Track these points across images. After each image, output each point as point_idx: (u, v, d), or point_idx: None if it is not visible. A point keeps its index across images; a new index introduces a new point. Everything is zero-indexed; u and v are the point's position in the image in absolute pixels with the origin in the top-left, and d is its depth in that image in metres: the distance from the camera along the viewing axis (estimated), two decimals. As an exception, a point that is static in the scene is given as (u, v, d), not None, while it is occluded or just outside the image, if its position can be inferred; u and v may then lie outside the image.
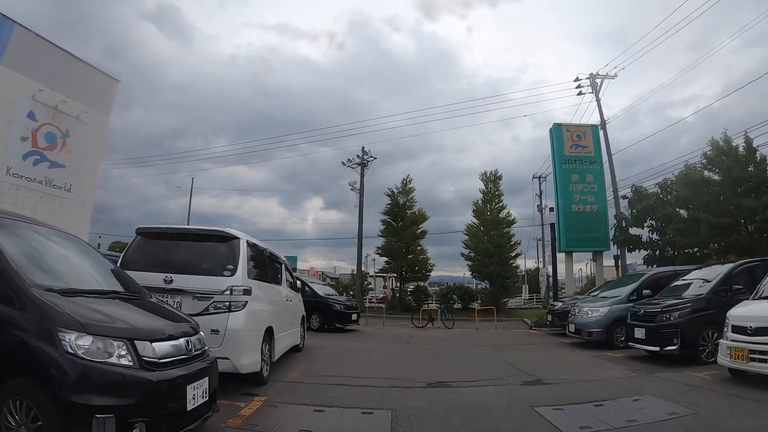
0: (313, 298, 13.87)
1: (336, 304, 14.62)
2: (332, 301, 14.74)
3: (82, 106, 20.74)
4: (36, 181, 18.96)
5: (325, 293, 15.23)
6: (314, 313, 13.71)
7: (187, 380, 3.48)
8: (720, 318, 7.89)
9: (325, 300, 14.54)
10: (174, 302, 5.51)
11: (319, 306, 14.15)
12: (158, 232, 6.19)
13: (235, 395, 5.42)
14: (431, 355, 9.04)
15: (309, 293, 13.62)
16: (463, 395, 5.73)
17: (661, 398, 5.63)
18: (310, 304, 12.92)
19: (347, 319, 14.66)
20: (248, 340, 5.58)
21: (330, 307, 14.33)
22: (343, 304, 14.96)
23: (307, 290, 13.65)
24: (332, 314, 14.27)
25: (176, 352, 3.54)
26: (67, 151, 20.27)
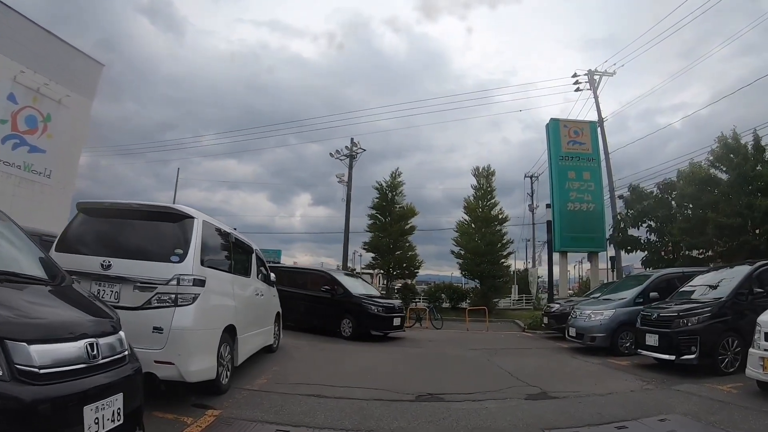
0: (344, 298, 11.83)
1: (372, 306, 11.66)
2: (367, 302, 11.75)
3: (65, 89, 19.71)
4: (15, 166, 17.88)
5: (361, 292, 12.41)
6: (346, 317, 11.59)
7: (84, 398, 2.50)
8: (740, 324, 7.18)
9: (358, 300, 11.73)
10: (112, 292, 4.54)
11: (351, 308, 11.68)
12: (101, 209, 5.16)
13: (184, 407, 4.49)
14: (420, 360, 8.11)
15: (340, 293, 11.87)
16: (459, 413, 4.78)
17: (691, 418, 4.84)
18: (339, 305, 11.72)
19: (388, 325, 11.70)
20: (199, 340, 4.57)
21: (364, 310, 11.51)
22: (381, 306, 11.86)
23: (338, 290, 11.95)
24: (367, 318, 11.40)
25: (75, 359, 2.55)
26: (48, 136, 19.22)
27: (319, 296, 12.06)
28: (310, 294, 12.29)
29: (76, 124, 20.82)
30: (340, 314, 11.60)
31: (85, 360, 2.64)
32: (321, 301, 11.98)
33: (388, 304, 12.27)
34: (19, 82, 17.85)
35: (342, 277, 12.90)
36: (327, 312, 11.84)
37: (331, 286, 12.07)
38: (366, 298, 11.89)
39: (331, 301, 11.86)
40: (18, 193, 17.89)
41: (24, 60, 17.79)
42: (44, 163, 19.10)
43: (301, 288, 12.57)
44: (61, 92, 19.61)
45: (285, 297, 12.01)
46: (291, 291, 11.98)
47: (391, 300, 13.70)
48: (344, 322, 11.47)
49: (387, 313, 11.71)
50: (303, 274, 13.96)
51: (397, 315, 12.12)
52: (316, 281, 12.70)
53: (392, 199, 26.97)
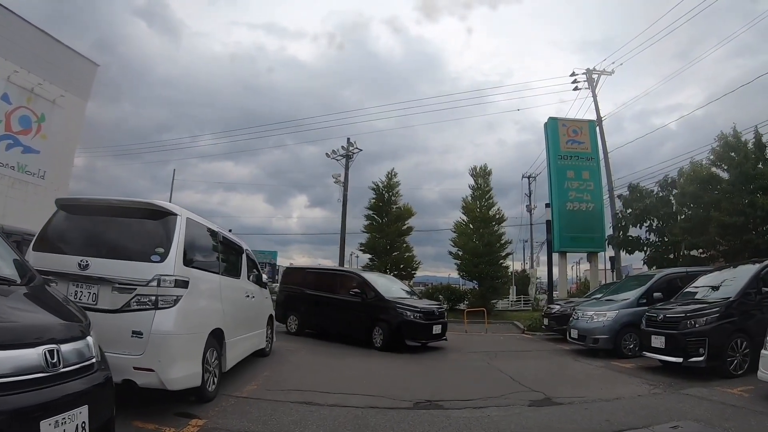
0: (376, 302, 10.24)
1: (408, 311, 9.87)
2: (402, 307, 9.97)
3: (59, 89, 19.50)
4: (8, 167, 17.66)
5: (395, 294, 10.77)
6: (377, 325, 9.95)
7: (41, 412, 2.24)
8: (749, 324, 6.96)
9: (392, 305, 10.01)
10: (89, 293, 4.26)
11: (384, 314, 9.97)
12: (80, 205, 4.88)
13: (166, 416, 4.21)
14: (417, 364, 7.82)
15: (371, 297, 10.33)
16: (459, 421, 4.50)
17: (704, 424, 4.59)
18: (370, 311, 10.23)
19: (426, 333, 10.02)
20: (182, 345, 4.27)
21: (399, 316, 9.78)
22: (419, 311, 10.01)
23: (369, 293, 10.44)
24: (402, 326, 9.71)
25: (31, 367, 2.29)
26: (42, 136, 18.99)
27: (347, 300, 10.69)
28: (337, 298, 11.05)
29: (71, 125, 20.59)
30: (370, 321, 10.09)
31: (43, 368, 2.36)
32: (349, 307, 10.62)
33: (426, 308, 10.37)
34: (13, 82, 17.64)
35: (373, 278, 11.26)
36: (356, 319, 10.43)
37: (361, 289, 10.60)
38: (401, 302, 10.20)
39: (360, 306, 10.42)
40: (12, 195, 17.65)
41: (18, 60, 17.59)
42: (38, 163, 18.87)
43: (327, 291, 11.41)
44: (56, 92, 19.41)
45: (308, 301, 11.49)
46: (315, 294, 11.41)
47: (431, 303, 11.51)
48: (376, 330, 9.94)
49: (425, 320, 10.01)
50: (329, 275, 12.52)
51: (438, 321, 10.35)
52: (343, 283, 11.29)
53: (389, 200, 26.68)
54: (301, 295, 11.76)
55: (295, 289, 12.07)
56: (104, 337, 3.57)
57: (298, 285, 12.15)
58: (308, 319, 11.55)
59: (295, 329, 11.56)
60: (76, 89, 20.62)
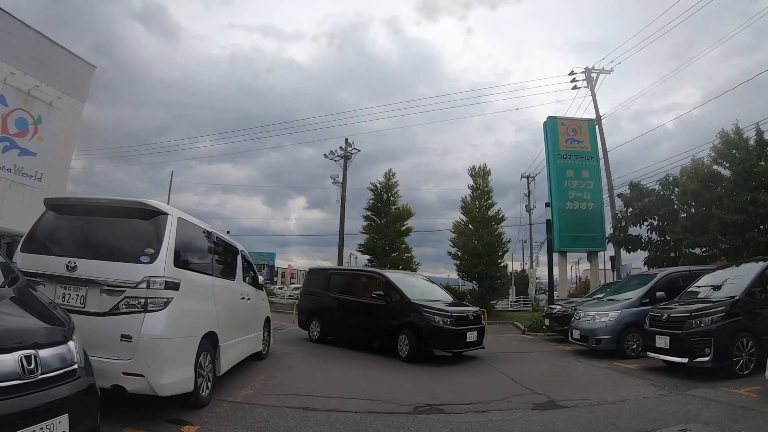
0: (401, 305, 8.99)
1: (436, 315, 8.49)
2: (429, 311, 8.59)
3: (56, 91, 19.42)
4: (5, 169, 17.59)
5: (422, 297, 9.31)
6: (402, 331, 8.69)
7: (16, 422, 2.12)
8: (754, 324, 6.86)
9: (417, 308, 8.67)
10: (77, 296, 4.13)
11: (409, 319, 8.70)
12: (69, 205, 4.73)
13: (158, 423, 4.08)
14: (417, 367, 7.64)
15: (396, 300, 9.10)
16: (461, 426, 4.37)
17: (714, 427, 4.47)
18: (395, 316, 8.95)
19: (458, 342, 8.58)
20: (173, 350, 4.11)
21: (426, 321, 8.43)
22: (449, 315, 8.58)
23: (394, 295, 9.19)
24: (430, 333, 8.37)
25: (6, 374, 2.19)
26: (38, 138, 18.92)
27: (370, 304, 9.54)
28: (360, 301, 9.94)
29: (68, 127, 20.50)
30: (395, 327, 8.83)
31: (19, 376, 2.21)
32: (373, 311, 9.45)
33: (458, 312, 8.97)
34: (10, 84, 17.55)
35: (398, 278, 9.90)
36: (380, 325, 9.22)
37: (385, 291, 9.35)
38: (428, 305, 8.80)
39: (384, 310, 9.18)
40: (8, 197, 17.55)
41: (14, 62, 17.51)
42: (35, 166, 18.79)
43: (350, 294, 10.45)
44: (53, 94, 19.33)
45: (330, 306, 10.65)
46: (338, 298, 10.56)
47: (464, 307, 10.13)
48: (401, 338, 8.68)
49: (457, 325, 8.57)
50: (351, 276, 11.57)
51: (473, 327, 8.93)
52: (367, 285, 10.15)
53: (387, 200, 26.54)
54: (323, 298, 10.93)
55: (318, 293, 11.19)
56: (93, 341, 3.44)
57: (321, 288, 11.20)
58: (330, 326, 10.65)
59: (317, 336, 10.69)
60: (73, 91, 20.55)
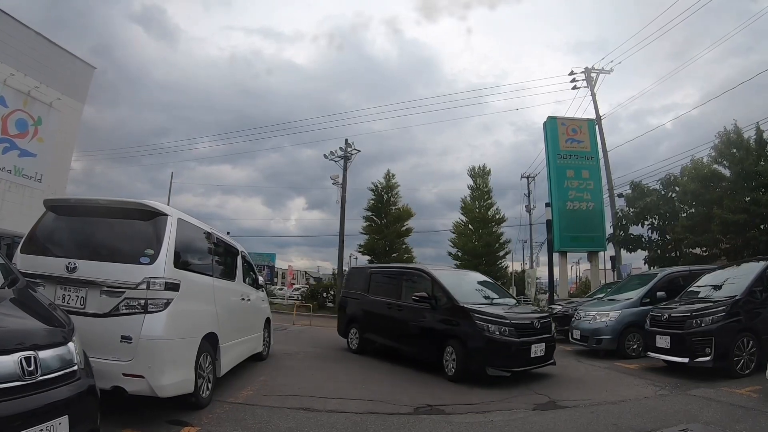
0: (447, 309, 7.18)
1: (491, 323, 6.61)
2: (482, 317, 6.70)
3: (56, 92, 19.45)
4: (5, 170, 17.62)
5: (474, 299, 7.51)
6: (449, 343, 6.90)
7: (17, 423, 2.12)
8: (755, 323, 6.86)
9: (467, 314, 6.82)
10: (77, 297, 4.12)
11: (457, 327, 6.88)
12: (69, 206, 4.73)
13: (157, 424, 4.08)
14: (417, 366, 7.63)
15: (443, 303, 7.28)
16: (462, 427, 4.37)
17: (715, 427, 4.46)
18: (441, 323, 7.19)
19: (519, 358, 6.62)
20: (173, 351, 4.11)
21: (477, 331, 6.56)
22: (506, 323, 6.68)
23: (440, 297, 7.38)
24: (482, 346, 6.51)
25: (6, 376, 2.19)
26: (38, 140, 18.95)
27: (412, 309, 7.82)
28: (402, 305, 8.25)
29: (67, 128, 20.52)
30: (441, 338, 7.09)
31: (18, 377, 2.21)
32: (416, 317, 7.74)
33: (520, 319, 7.00)
34: (9, 85, 17.57)
35: (445, 276, 7.95)
36: (423, 333, 7.56)
37: (429, 291, 7.60)
38: (480, 310, 6.90)
39: (429, 315, 7.47)
40: (8, 198, 17.56)
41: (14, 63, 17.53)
42: (35, 167, 18.81)
43: (391, 296, 8.70)
44: (52, 95, 19.35)
45: (370, 310, 9.19)
46: (377, 301, 9.00)
47: (529, 311, 8.35)
48: (447, 351, 6.90)
49: (518, 336, 6.61)
50: (392, 274, 9.47)
51: (539, 338, 6.93)
52: (409, 285, 8.42)
53: (388, 201, 26.59)
54: (362, 302, 9.55)
55: (357, 295, 9.83)
56: (93, 343, 3.44)
57: (360, 289, 9.78)
58: (370, 334, 9.14)
59: (356, 347, 9.40)
60: (72, 92, 20.57)
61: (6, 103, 17.74)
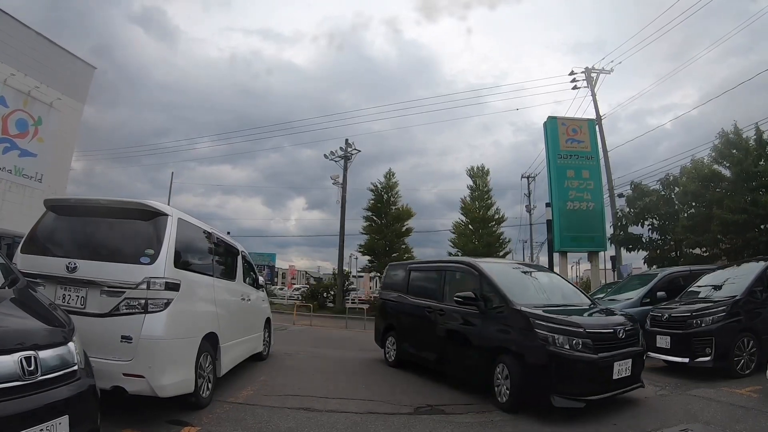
0: (500, 313, 5.52)
1: (557, 333, 4.86)
2: (545, 324, 4.98)
3: (56, 92, 19.46)
4: (5, 170, 17.63)
5: (536, 300, 5.73)
6: (501, 359, 5.26)
7: (17, 423, 2.12)
8: (755, 323, 6.87)
9: (526, 321, 5.11)
10: (78, 297, 4.12)
11: (510, 338, 5.31)
12: (69, 206, 4.72)
13: (158, 424, 4.09)
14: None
15: (493, 306, 5.62)
16: (462, 427, 4.37)
17: (715, 427, 4.47)
18: (490, 331, 5.54)
19: (597, 381, 4.90)
20: (173, 351, 4.11)
21: (538, 343, 4.88)
22: (580, 332, 4.91)
23: (490, 298, 5.69)
24: (543, 365, 4.82)
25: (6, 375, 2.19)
26: (38, 140, 18.97)
27: (455, 313, 6.20)
28: (443, 308, 6.56)
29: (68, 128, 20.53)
30: (490, 352, 5.43)
31: (19, 377, 2.21)
32: (459, 324, 6.14)
33: (599, 326, 5.30)
34: (10, 85, 17.59)
35: (497, 271, 6.15)
36: (467, 346, 5.93)
37: (476, 291, 5.86)
38: (543, 315, 5.14)
39: (476, 321, 5.80)
40: (8, 198, 17.57)
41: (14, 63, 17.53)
42: (35, 167, 18.82)
43: (431, 297, 7.05)
44: (53, 95, 19.36)
45: (408, 316, 7.60)
46: (416, 304, 7.34)
47: (610, 316, 5.90)
48: (499, 370, 5.26)
49: (597, 350, 4.89)
50: (433, 271, 7.51)
51: (624, 353, 5.17)
52: (453, 283, 6.76)
53: (388, 201, 26.60)
54: (400, 305, 7.93)
55: (395, 296, 8.18)
56: (93, 343, 3.44)
57: (398, 289, 8.15)
58: (408, 344, 7.53)
59: (393, 359, 7.82)
60: (73, 92, 20.58)
61: (6, 103, 17.76)
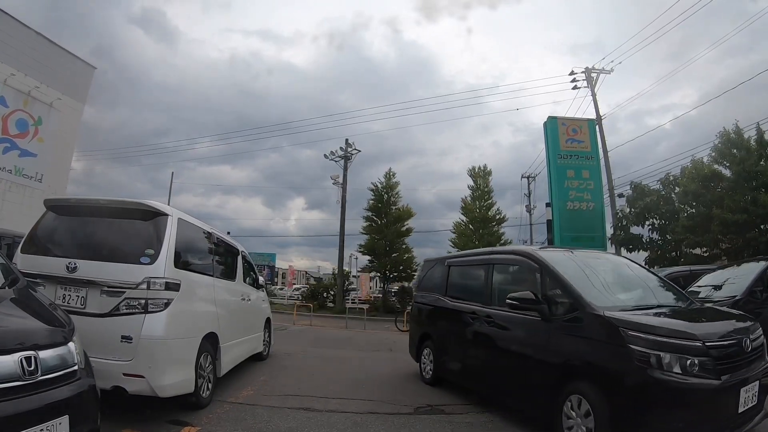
0: (571, 319, 3.90)
1: (659, 348, 3.20)
2: (645, 337, 3.27)
3: (57, 92, 19.43)
4: (5, 170, 17.61)
5: (623, 301, 4.19)
6: (573, 385, 3.68)
7: (17, 423, 2.11)
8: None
9: (611, 329, 3.47)
10: (78, 297, 4.11)
11: (587, 355, 3.66)
12: (69, 206, 4.72)
13: (158, 424, 4.09)
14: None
15: (562, 310, 4.05)
16: (462, 427, 4.36)
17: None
18: (557, 345, 3.95)
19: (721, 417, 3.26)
20: (173, 351, 4.11)
21: (635, 366, 3.23)
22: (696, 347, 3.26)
23: (557, 300, 4.14)
24: (642, 397, 3.16)
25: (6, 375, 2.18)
26: (38, 140, 18.96)
27: (508, 320, 4.69)
28: (491, 313, 5.00)
29: (68, 128, 20.52)
30: (558, 376, 3.86)
31: (19, 377, 2.21)
32: (514, 335, 4.63)
33: (719, 335, 3.52)
34: (10, 85, 17.57)
35: (563, 263, 4.58)
36: (524, 367, 4.36)
37: (537, 291, 4.37)
38: (638, 321, 3.53)
39: (536, 332, 4.26)
40: (8, 198, 17.56)
41: (14, 63, 17.51)
42: (35, 167, 18.80)
43: (476, 299, 5.49)
44: (53, 95, 19.34)
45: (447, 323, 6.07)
46: (455, 308, 5.83)
47: (728, 317, 4.20)
48: (570, 402, 3.67)
49: (718, 372, 3.25)
50: (478, 266, 5.89)
51: (750, 374, 3.44)
52: (505, 280, 5.36)
53: (388, 201, 26.59)
54: (437, 309, 6.39)
55: (432, 299, 6.61)
56: (93, 343, 3.44)
57: (435, 290, 6.62)
58: (448, 358, 5.96)
59: (430, 375, 6.35)
60: (73, 92, 20.57)
61: (6, 103, 17.74)
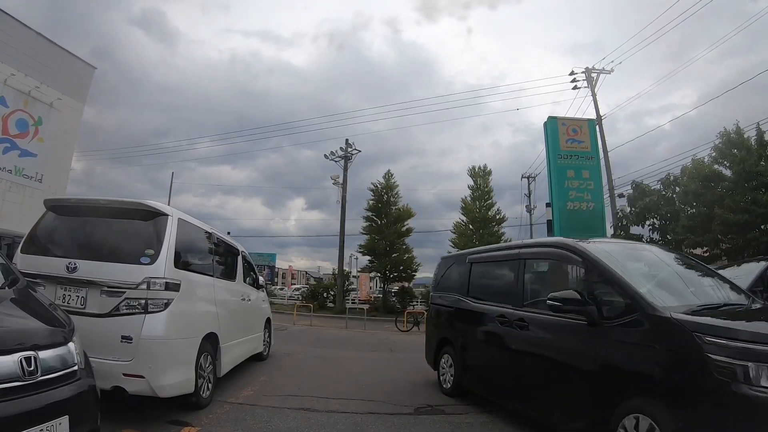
0: (627, 323, 3.18)
1: (750, 360, 2.46)
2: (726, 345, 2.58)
3: (57, 92, 19.41)
4: (5, 170, 17.60)
5: (688, 302, 3.33)
6: (631, 405, 2.98)
7: (17, 424, 2.11)
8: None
9: (682, 336, 2.80)
10: (78, 297, 4.11)
11: (651, 371, 2.92)
12: (69, 206, 4.71)
13: (158, 424, 4.08)
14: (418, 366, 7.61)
15: (615, 311, 3.30)
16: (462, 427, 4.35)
17: None
18: (609, 357, 3.23)
19: None
20: (173, 351, 4.11)
21: (715, 381, 2.51)
22: None
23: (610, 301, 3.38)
24: (729, 420, 2.45)
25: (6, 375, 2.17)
26: (39, 140, 18.94)
27: (545, 324, 3.99)
28: (524, 316, 4.28)
29: (68, 128, 20.50)
30: (611, 392, 3.14)
31: (19, 377, 2.21)
32: (553, 342, 3.90)
33: None
34: (10, 85, 17.55)
35: (613, 256, 3.74)
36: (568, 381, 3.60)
37: (582, 290, 3.58)
38: (715, 324, 2.83)
39: (583, 340, 3.48)
40: (8, 198, 17.55)
41: (15, 63, 17.49)
42: (35, 167, 18.79)
43: (504, 300, 4.75)
44: (53, 95, 19.33)
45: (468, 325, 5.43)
46: (479, 310, 5.19)
47: None
48: (629, 424, 2.92)
49: None
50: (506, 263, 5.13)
51: None
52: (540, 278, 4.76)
53: (388, 201, 26.59)
54: (458, 311, 5.77)
55: (451, 300, 6.03)
56: (93, 343, 3.44)
57: (455, 290, 6.02)
58: (470, 368, 5.35)
59: (450, 386, 5.73)
60: (73, 92, 20.55)
61: (6, 103, 17.73)
